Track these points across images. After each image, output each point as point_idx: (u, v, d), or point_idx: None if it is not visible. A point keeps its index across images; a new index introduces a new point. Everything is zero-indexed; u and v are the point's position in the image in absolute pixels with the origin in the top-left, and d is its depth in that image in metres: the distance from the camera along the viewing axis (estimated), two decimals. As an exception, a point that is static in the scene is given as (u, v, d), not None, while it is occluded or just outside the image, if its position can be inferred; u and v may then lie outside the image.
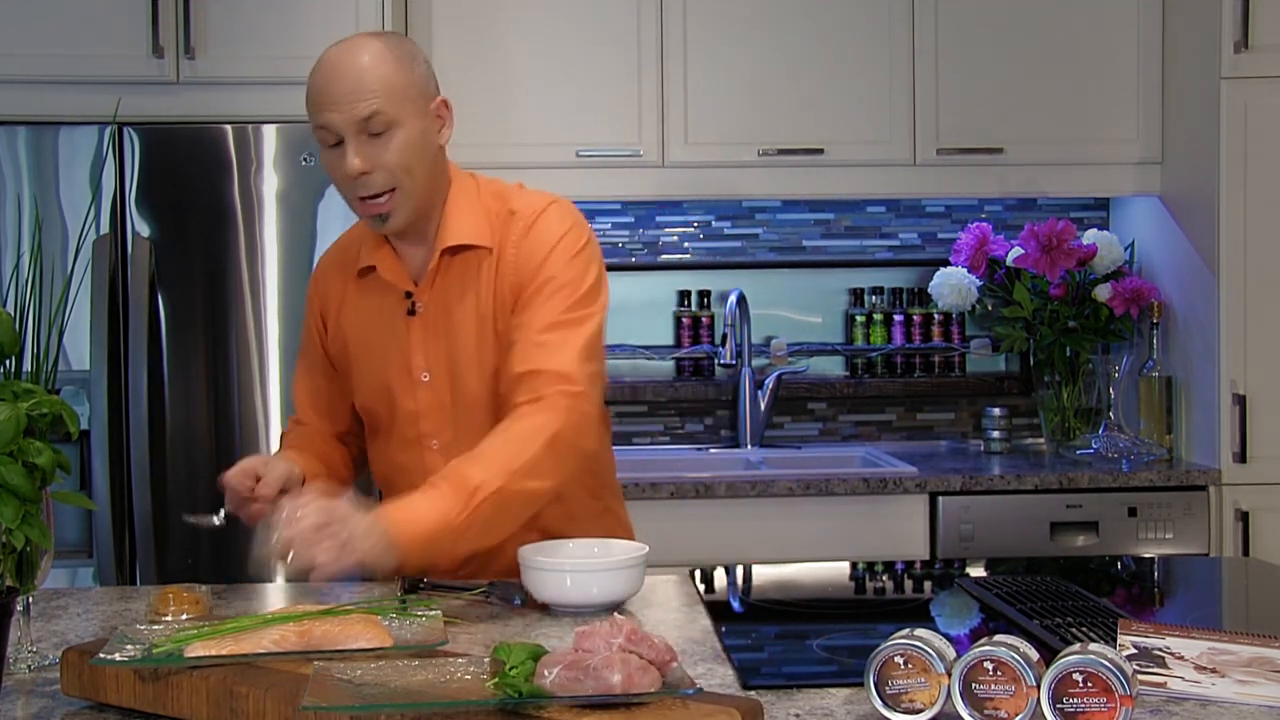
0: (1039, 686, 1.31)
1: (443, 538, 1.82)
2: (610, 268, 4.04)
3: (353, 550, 1.72)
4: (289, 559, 1.71)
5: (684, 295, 3.89)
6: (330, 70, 1.93)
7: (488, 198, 2.06)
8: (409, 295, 2.05)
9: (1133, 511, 3.34)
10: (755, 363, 3.87)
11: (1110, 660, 1.30)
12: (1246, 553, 3.32)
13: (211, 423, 3.18)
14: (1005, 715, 1.32)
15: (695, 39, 3.58)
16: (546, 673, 1.30)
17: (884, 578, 2.35)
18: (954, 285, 3.76)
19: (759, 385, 3.83)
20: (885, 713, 1.36)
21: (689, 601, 1.97)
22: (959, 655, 1.35)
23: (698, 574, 2.19)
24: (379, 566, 1.77)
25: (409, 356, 2.05)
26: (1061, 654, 1.32)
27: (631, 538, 2.15)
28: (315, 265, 2.25)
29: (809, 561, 2.53)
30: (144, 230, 3.16)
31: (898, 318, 3.91)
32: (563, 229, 2.02)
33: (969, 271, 3.78)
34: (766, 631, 1.94)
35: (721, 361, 3.77)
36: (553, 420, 1.90)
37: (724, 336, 3.75)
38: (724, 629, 1.81)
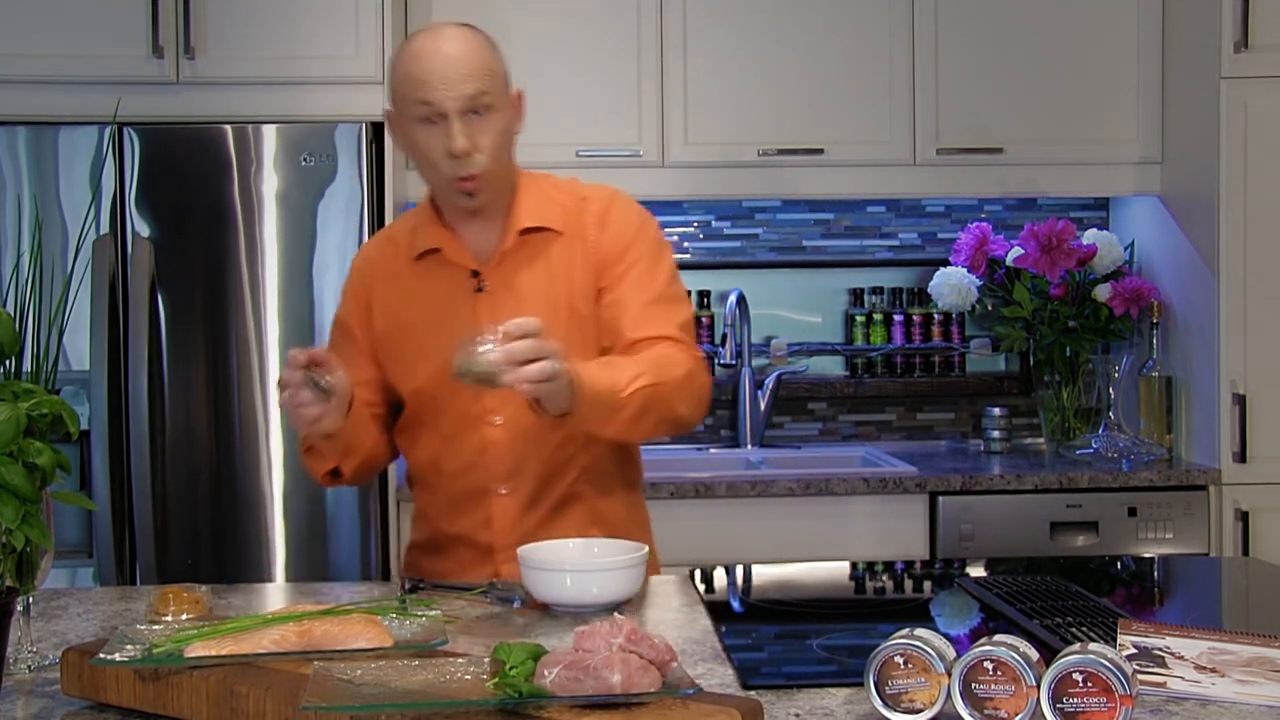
0: (1039, 686, 1.31)
1: (606, 401, 1.93)
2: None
3: (556, 375, 1.81)
4: (491, 362, 1.80)
5: (684, 295, 3.88)
6: (436, 52, 2.02)
7: (548, 188, 2.17)
8: (475, 274, 2.11)
9: (1133, 511, 3.34)
10: (755, 363, 3.87)
11: (1110, 660, 1.30)
12: (1246, 553, 3.32)
13: (211, 423, 3.18)
14: (1005, 715, 1.32)
15: (695, 39, 3.58)
16: (546, 673, 1.30)
17: (884, 578, 2.35)
18: (954, 285, 3.76)
19: (759, 385, 3.83)
20: (885, 713, 1.36)
21: (689, 601, 1.97)
22: (959, 655, 1.35)
23: (698, 574, 2.19)
24: (554, 401, 1.87)
25: (476, 332, 2.07)
26: (1061, 654, 1.32)
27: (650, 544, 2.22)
28: (355, 258, 2.29)
29: (809, 561, 2.53)
30: (144, 230, 3.16)
31: (898, 318, 3.91)
32: (638, 214, 2.18)
33: (969, 271, 3.78)
34: (766, 631, 1.94)
35: (721, 361, 3.77)
36: (686, 359, 2.06)
37: (724, 336, 3.75)
38: (724, 629, 1.81)
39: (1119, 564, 2.66)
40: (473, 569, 2.13)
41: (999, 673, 1.32)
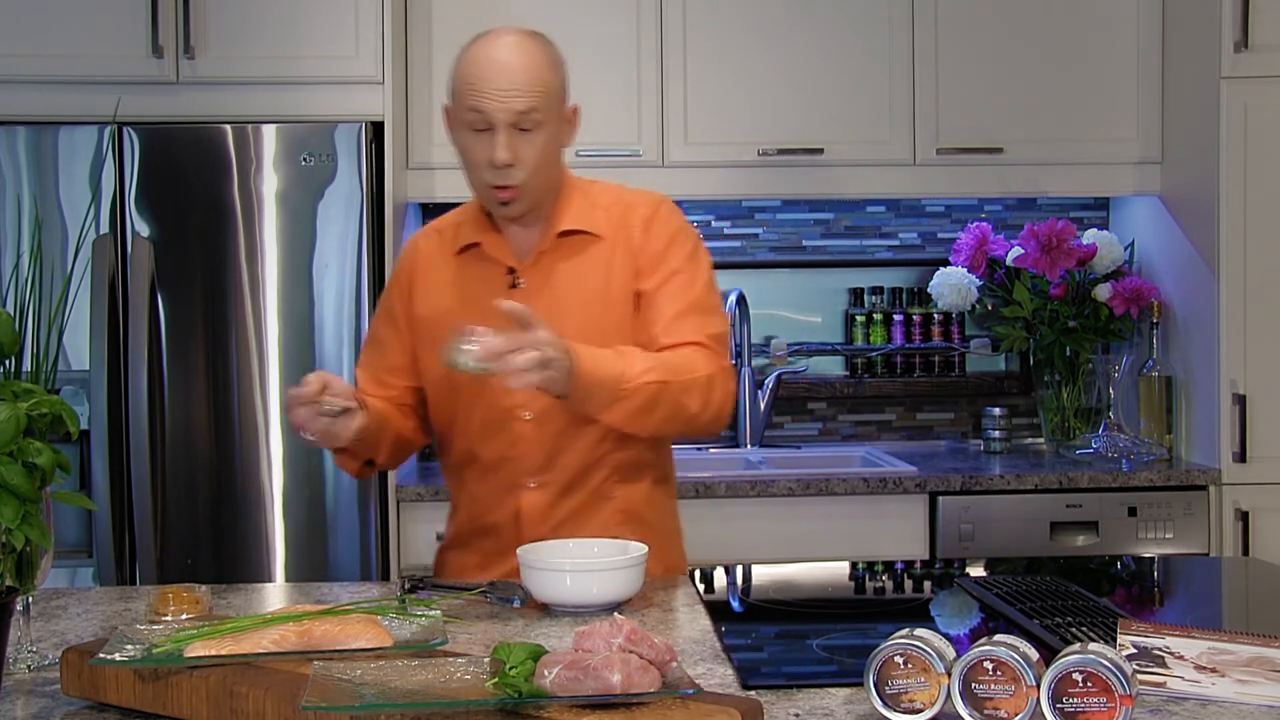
0: (1039, 686, 1.31)
1: (608, 389, 1.95)
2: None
3: (548, 365, 1.84)
4: (479, 358, 1.82)
5: (684, 295, 3.88)
6: (494, 61, 2.05)
7: (596, 194, 2.20)
8: (512, 271, 2.14)
9: (1133, 511, 3.34)
10: (755, 362, 3.87)
11: (1110, 660, 1.30)
12: (1246, 553, 3.32)
13: (211, 423, 3.18)
14: (1005, 715, 1.32)
15: (695, 39, 3.58)
16: (546, 673, 1.30)
17: (884, 578, 2.35)
18: (954, 285, 3.76)
19: (759, 385, 3.83)
20: (885, 712, 1.36)
21: (689, 601, 1.97)
22: (959, 655, 1.35)
23: (698, 574, 2.19)
24: (558, 386, 1.88)
25: (507, 329, 2.08)
26: (1061, 654, 1.32)
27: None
28: (404, 247, 2.31)
29: (809, 561, 2.53)
30: (144, 230, 3.16)
31: (898, 317, 3.91)
32: (682, 222, 2.19)
33: (969, 271, 3.78)
34: (766, 631, 1.94)
35: (721, 361, 3.77)
36: (710, 364, 2.07)
37: (724, 336, 3.75)
38: (724, 629, 1.81)
39: (1119, 564, 2.66)
40: (498, 564, 2.14)
41: (999, 673, 1.32)
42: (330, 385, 1.99)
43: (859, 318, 3.92)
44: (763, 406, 3.81)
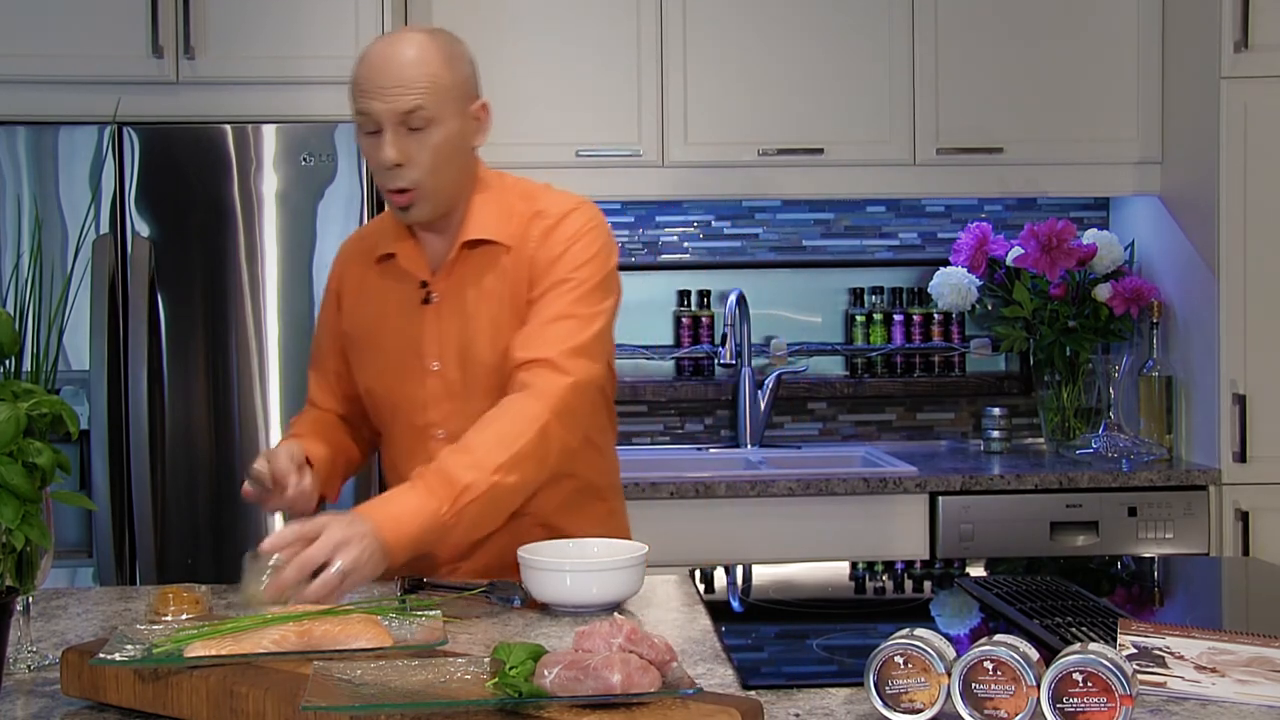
0: (1039, 686, 1.31)
1: (431, 535, 1.83)
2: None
3: (352, 571, 1.70)
4: (279, 595, 1.68)
5: (684, 295, 3.89)
6: (379, 59, 1.97)
7: (514, 197, 2.09)
8: (424, 284, 2.08)
9: (1133, 511, 3.34)
10: (755, 362, 3.87)
11: (1110, 660, 1.30)
12: (1246, 553, 3.32)
13: (211, 423, 3.18)
14: (1005, 715, 1.32)
15: (695, 39, 3.58)
16: (546, 673, 1.30)
17: (884, 578, 2.35)
18: (954, 285, 3.76)
19: (759, 385, 3.83)
20: (885, 712, 1.36)
21: (689, 601, 1.97)
22: (959, 655, 1.35)
23: (698, 574, 2.19)
24: (372, 575, 1.76)
25: (420, 344, 2.07)
26: (1061, 654, 1.32)
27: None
28: (338, 251, 2.28)
29: (809, 561, 2.53)
30: (144, 230, 3.16)
31: (898, 317, 3.91)
32: (582, 230, 2.05)
33: (969, 271, 3.78)
34: (766, 631, 1.94)
35: (721, 361, 3.77)
36: (543, 411, 1.92)
37: (724, 336, 3.75)
38: (724, 629, 1.81)
39: (1119, 564, 2.66)
40: (429, 572, 2.11)
41: (999, 673, 1.32)
42: (277, 467, 1.94)
43: (859, 318, 3.92)
44: (763, 406, 3.81)
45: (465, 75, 2.02)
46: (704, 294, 3.89)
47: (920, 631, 1.38)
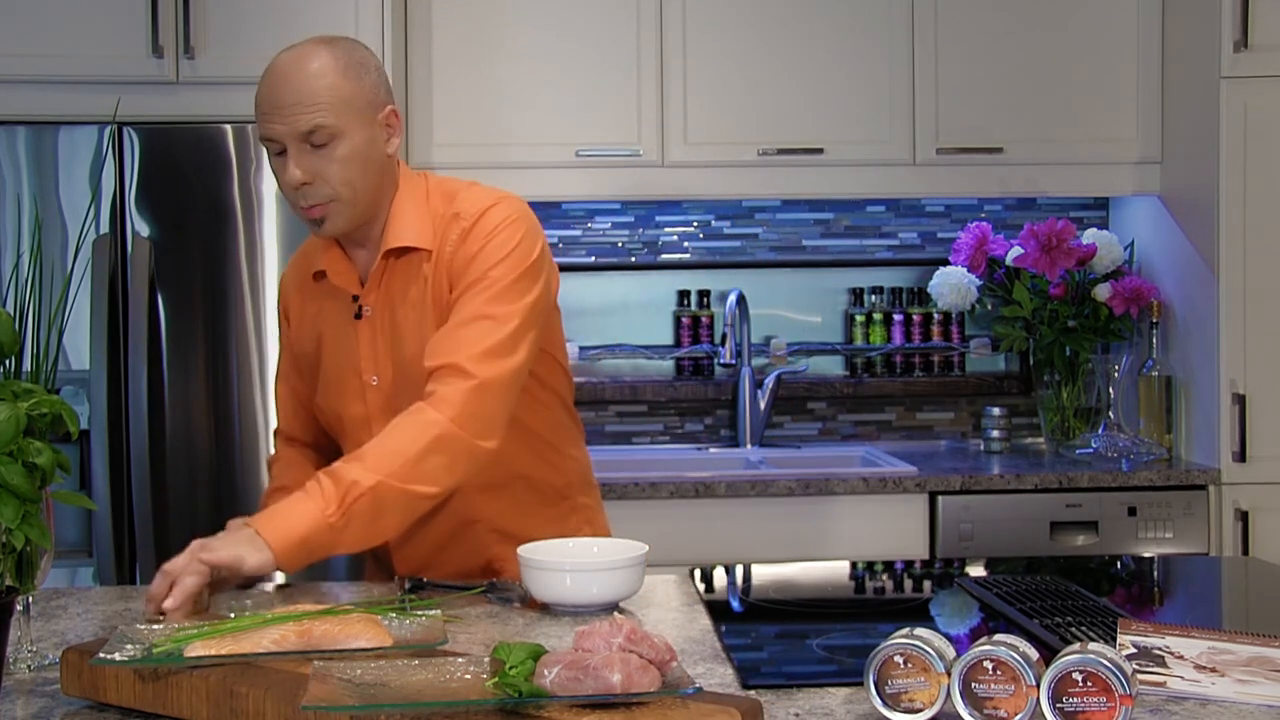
0: (1039, 686, 1.31)
1: (319, 536, 1.81)
2: (610, 267, 4.05)
3: (208, 552, 1.74)
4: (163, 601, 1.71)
5: (684, 295, 3.89)
6: (276, 79, 1.91)
7: (436, 200, 2.03)
8: (355, 299, 2.05)
9: (1132, 511, 3.34)
10: (755, 362, 3.87)
11: (1110, 660, 1.30)
12: (1246, 552, 3.32)
13: (211, 422, 3.18)
14: (1005, 715, 1.32)
15: (695, 39, 3.58)
16: (546, 672, 1.30)
17: (884, 577, 2.35)
18: (954, 285, 3.76)
19: (759, 385, 3.83)
20: (885, 712, 1.36)
21: (689, 601, 1.97)
22: (959, 655, 1.35)
23: (698, 574, 2.19)
24: (250, 564, 1.77)
25: (358, 360, 2.05)
26: (1061, 653, 1.32)
27: (607, 535, 2.17)
28: (283, 272, 2.24)
29: (809, 561, 2.53)
30: (144, 230, 3.16)
31: (897, 317, 3.91)
32: (499, 227, 1.98)
33: (969, 271, 3.78)
34: (766, 631, 1.94)
35: (721, 361, 3.77)
36: (440, 419, 1.88)
37: (724, 336, 3.75)
38: (724, 629, 1.81)
39: (1119, 564, 2.66)
40: (381, 583, 2.12)
41: (999, 672, 1.32)
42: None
43: (859, 317, 3.92)
44: (763, 406, 3.81)
45: (370, 84, 1.95)
46: (704, 294, 3.89)
47: (920, 631, 1.38)
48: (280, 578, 3.01)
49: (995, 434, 3.73)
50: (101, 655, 1.45)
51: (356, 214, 1.97)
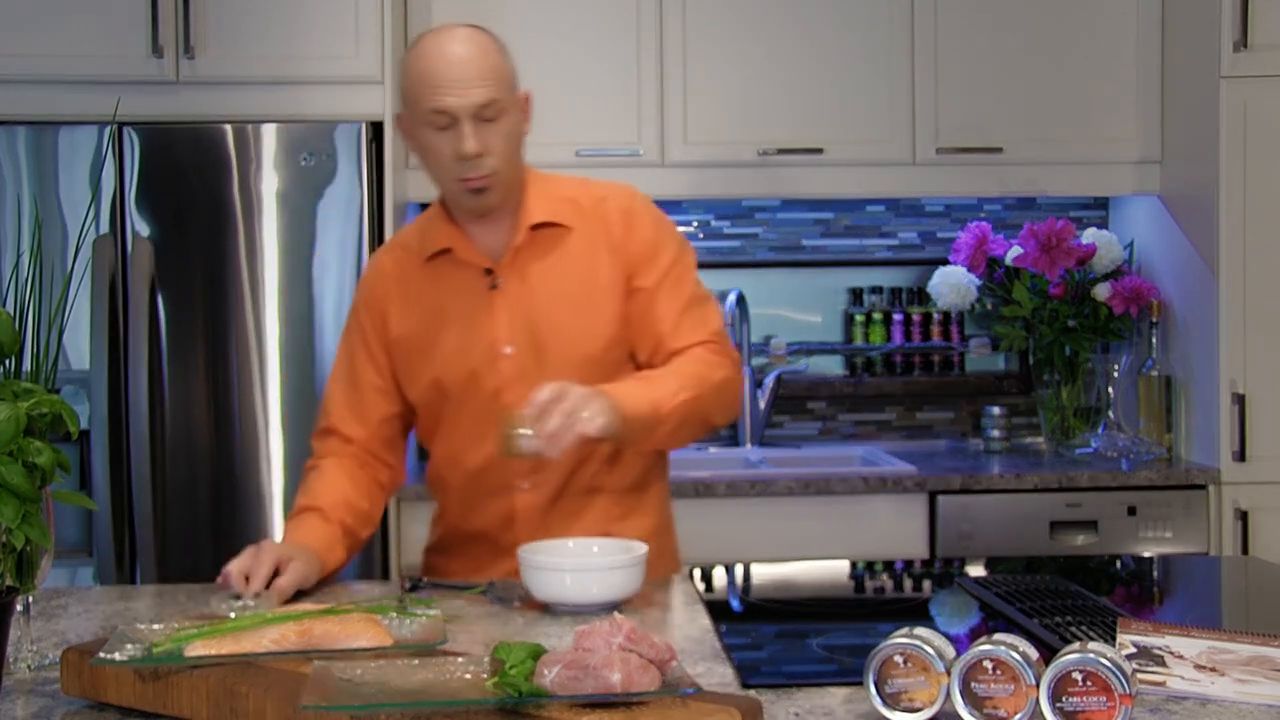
0: (1038, 685, 1.31)
1: (650, 420, 1.97)
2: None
3: (579, 417, 1.86)
4: (527, 440, 1.86)
5: (684, 295, 3.88)
6: (449, 57, 2.03)
7: (556, 186, 2.18)
8: (489, 272, 2.12)
9: (1132, 511, 3.34)
10: (755, 362, 3.87)
11: (1110, 659, 1.30)
12: (1246, 552, 3.32)
13: (211, 422, 3.18)
14: (1005, 714, 1.32)
15: (695, 39, 3.58)
16: (546, 672, 1.30)
17: (884, 577, 2.35)
18: (953, 284, 3.76)
19: (759, 384, 3.83)
20: (885, 712, 1.36)
21: (689, 601, 1.97)
22: (958, 654, 1.36)
23: (697, 573, 2.19)
24: (603, 430, 1.89)
25: (492, 331, 2.11)
26: (1061, 653, 1.32)
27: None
28: (366, 270, 2.27)
29: (809, 561, 2.53)
30: (144, 230, 3.16)
31: (897, 317, 3.91)
32: (662, 215, 2.20)
33: (968, 271, 3.78)
34: (766, 631, 1.94)
35: (721, 361, 3.77)
36: (723, 365, 2.10)
37: (724, 336, 3.75)
38: (724, 628, 1.81)
39: (1119, 563, 2.66)
40: (491, 566, 2.14)
41: (999, 672, 1.32)
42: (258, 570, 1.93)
43: (859, 317, 3.92)
44: (763, 406, 3.81)
45: (514, 68, 2.11)
46: (704, 294, 3.89)
47: (920, 631, 1.38)
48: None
49: (995, 434, 3.74)
50: (101, 655, 1.45)
51: (509, 189, 2.10)
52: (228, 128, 3.19)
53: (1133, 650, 1.47)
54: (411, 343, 2.16)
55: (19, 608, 1.64)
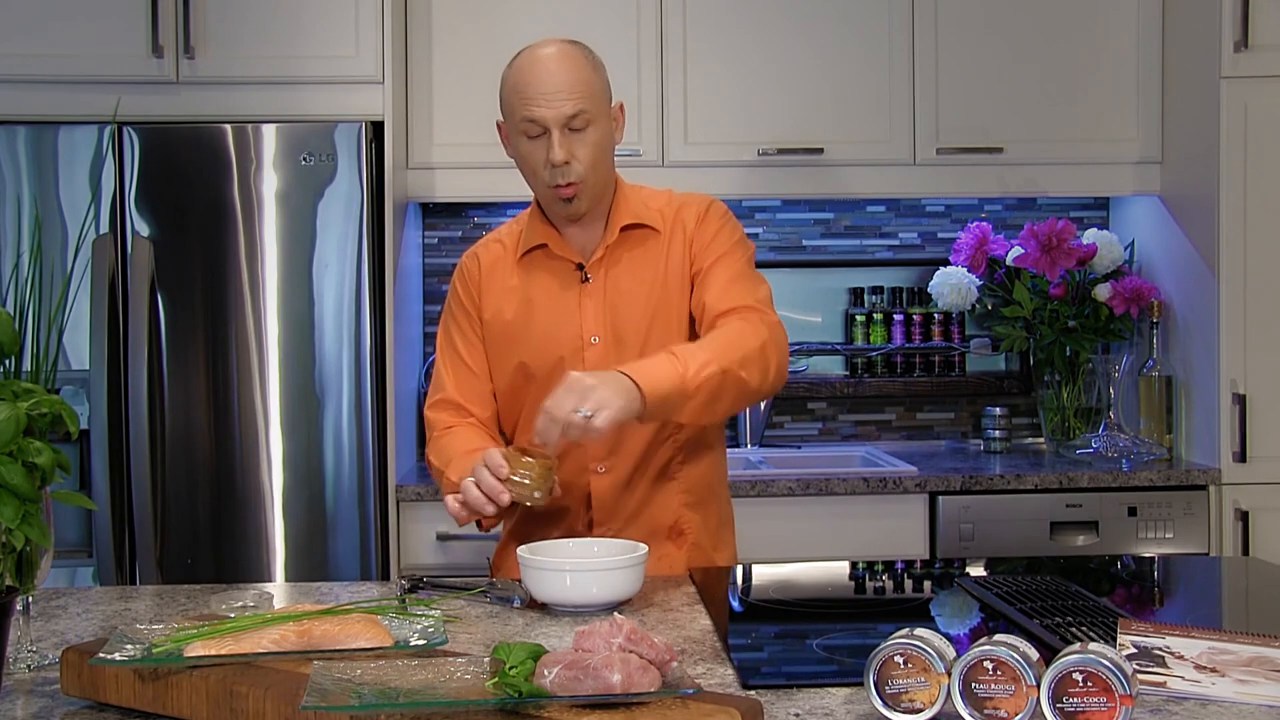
0: (1039, 686, 1.31)
1: (675, 395, 2.00)
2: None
3: (597, 400, 1.90)
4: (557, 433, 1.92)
5: (684, 295, 3.88)
6: (541, 70, 2.16)
7: (646, 194, 2.32)
8: (580, 267, 2.25)
9: (1133, 511, 3.34)
10: (755, 362, 3.86)
11: (1110, 660, 1.30)
12: (1246, 552, 3.32)
13: (211, 423, 3.18)
14: (1005, 715, 1.32)
15: (695, 39, 3.58)
16: (546, 672, 1.30)
17: (884, 577, 2.35)
18: (954, 285, 3.76)
19: (759, 385, 3.82)
20: (885, 712, 1.36)
21: (689, 601, 1.97)
22: (959, 655, 1.35)
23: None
24: (614, 419, 1.91)
25: (580, 322, 2.24)
26: (1061, 653, 1.32)
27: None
28: (461, 264, 2.36)
29: (809, 561, 2.53)
30: (144, 230, 3.16)
31: (897, 317, 3.91)
32: (728, 215, 2.32)
33: (969, 271, 3.78)
34: (766, 631, 1.94)
35: (721, 361, 3.77)
36: (762, 330, 2.14)
37: (724, 336, 3.75)
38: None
39: (1119, 564, 2.66)
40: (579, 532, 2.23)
41: (999, 672, 1.32)
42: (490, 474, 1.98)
43: (859, 317, 3.92)
44: (763, 406, 3.81)
45: (607, 79, 2.23)
46: (704, 294, 3.89)
47: (920, 631, 1.38)
48: (280, 579, 3.03)
49: (995, 434, 3.73)
50: (101, 655, 1.45)
51: (596, 195, 2.23)
52: (228, 128, 3.19)
53: (1133, 651, 1.47)
54: (503, 328, 2.27)
55: (19, 608, 1.64)
